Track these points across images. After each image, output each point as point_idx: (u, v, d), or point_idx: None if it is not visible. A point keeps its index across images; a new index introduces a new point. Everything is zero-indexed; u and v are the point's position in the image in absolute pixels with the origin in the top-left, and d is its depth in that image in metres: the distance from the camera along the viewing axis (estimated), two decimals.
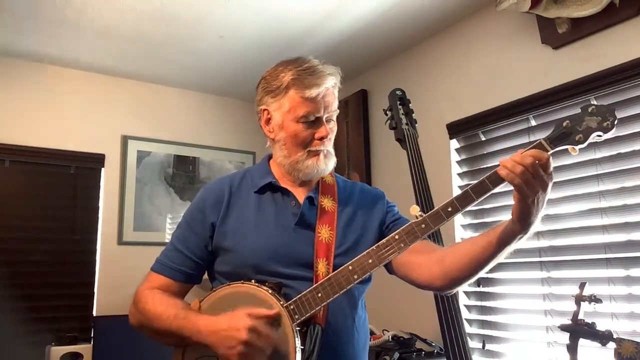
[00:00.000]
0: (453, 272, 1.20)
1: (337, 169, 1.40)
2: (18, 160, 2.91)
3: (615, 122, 1.06)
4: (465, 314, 2.40)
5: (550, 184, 1.03)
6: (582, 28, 2.02)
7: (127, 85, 3.33)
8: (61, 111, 3.09)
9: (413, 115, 1.92)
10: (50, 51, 2.91)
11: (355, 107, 3.21)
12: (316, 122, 1.26)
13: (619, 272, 1.90)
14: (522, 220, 1.05)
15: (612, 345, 1.27)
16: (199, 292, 1.28)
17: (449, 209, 1.09)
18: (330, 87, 1.26)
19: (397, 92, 1.92)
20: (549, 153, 1.03)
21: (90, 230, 3.08)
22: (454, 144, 2.60)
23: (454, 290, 1.27)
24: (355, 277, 1.13)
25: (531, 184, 1.01)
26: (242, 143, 3.70)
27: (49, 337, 2.72)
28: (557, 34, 2.10)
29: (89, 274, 3.04)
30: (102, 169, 3.18)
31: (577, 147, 1.08)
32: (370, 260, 1.13)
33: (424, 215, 1.11)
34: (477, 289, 2.41)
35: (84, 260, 3.04)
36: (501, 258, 1.15)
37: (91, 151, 3.14)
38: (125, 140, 3.28)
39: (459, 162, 2.59)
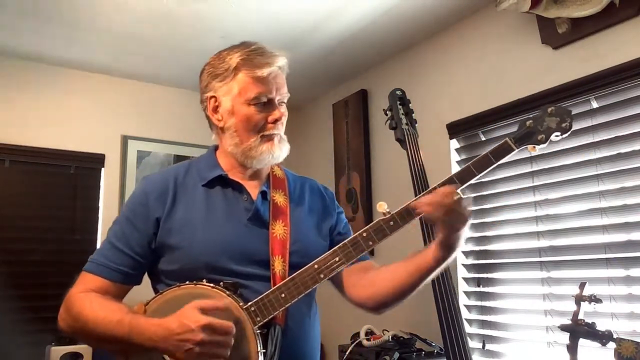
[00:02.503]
0: (382, 296, 1.22)
1: (337, 168, 1.39)
2: (18, 160, 2.91)
3: (572, 122, 1.11)
4: (465, 314, 2.40)
5: (469, 219, 1.07)
6: (582, 28, 2.02)
7: (127, 85, 3.33)
8: (61, 111, 3.09)
9: (413, 115, 1.92)
10: (50, 51, 2.91)
11: (355, 107, 3.21)
12: (268, 105, 1.22)
13: (619, 272, 1.90)
14: (448, 248, 1.09)
15: (612, 345, 1.27)
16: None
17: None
18: (280, 67, 1.23)
19: (397, 92, 1.92)
20: (459, 190, 1.08)
21: (90, 230, 3.08)
22: (454, 144, 2.59)
23: (385, 311, 1.29)
24: (322, 276, 1.11)
25: (454, 219, 1.05)
26: None
27: (49, 337, 2.71)
28: (557, 34, 2.10)
29: None
30: (102, 169, 3.18)
31: (538, 147, 1.12)
32: (337, 259, 1.11)
33: (392, 212, 1.10)
34: (477, 289, 2.41)
35: (84, 260, 3.01)
36: (423, 284, 1.18)
37: (91, 151, 3.13)
38: (125, 140, 3.28)
39: (459, 162, 2.58)
